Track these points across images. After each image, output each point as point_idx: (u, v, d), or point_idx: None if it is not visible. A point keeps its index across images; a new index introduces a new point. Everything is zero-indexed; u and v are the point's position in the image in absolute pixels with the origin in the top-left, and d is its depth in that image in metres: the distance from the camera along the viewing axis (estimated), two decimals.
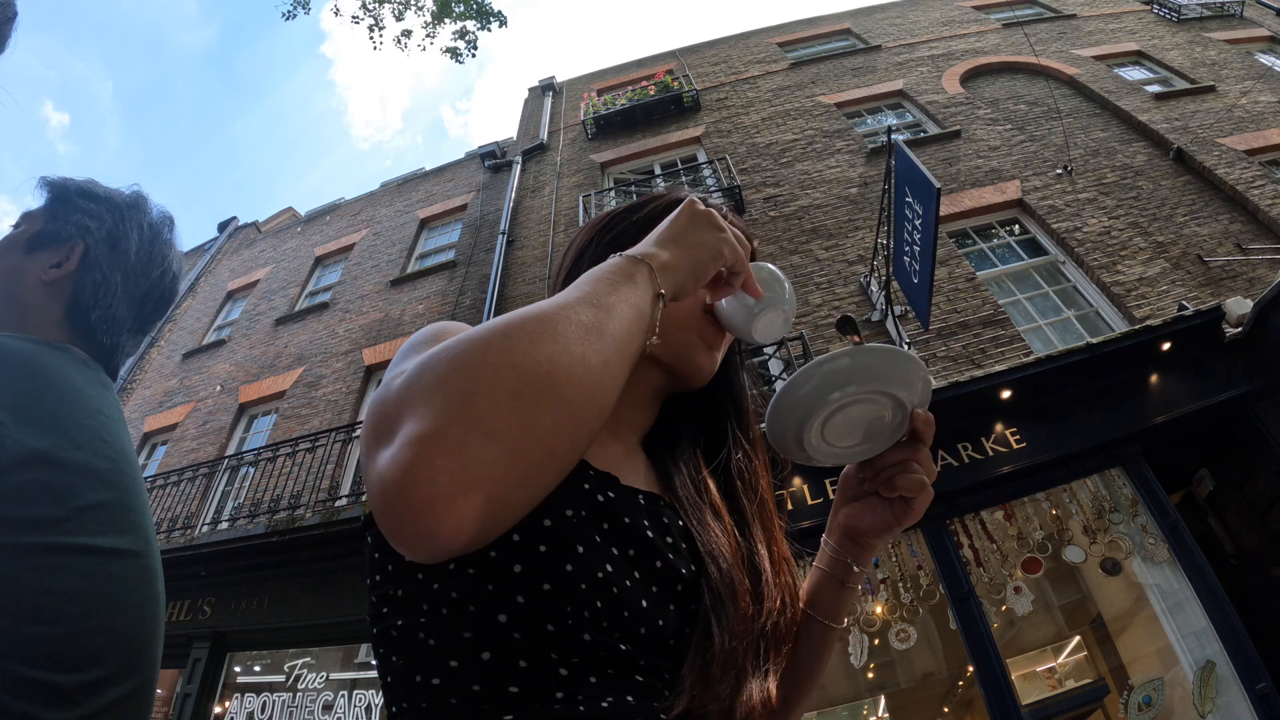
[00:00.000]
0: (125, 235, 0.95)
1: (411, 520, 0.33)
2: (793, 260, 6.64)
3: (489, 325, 0.39)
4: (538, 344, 0.38)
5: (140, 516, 0.83)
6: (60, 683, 0.66)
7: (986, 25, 10.37)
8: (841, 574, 0.67)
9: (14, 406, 0.71)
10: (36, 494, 0.69)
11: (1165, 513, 4.31)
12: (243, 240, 12.35)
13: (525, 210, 9.01)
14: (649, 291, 0.49)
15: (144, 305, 0.99)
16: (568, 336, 0.39)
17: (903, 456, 0.60)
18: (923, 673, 5.74)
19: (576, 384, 0.38)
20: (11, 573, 0.66)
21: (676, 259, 0.52)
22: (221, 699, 5.65)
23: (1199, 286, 5.48)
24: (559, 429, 0.37)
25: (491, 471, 0.33)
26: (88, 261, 0.92)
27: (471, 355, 0.37)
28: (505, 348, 0.37)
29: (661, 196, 0.77)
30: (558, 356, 0.38)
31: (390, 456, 0.34)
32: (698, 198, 0.60)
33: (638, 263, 0.50)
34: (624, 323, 0.44)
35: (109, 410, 0.84)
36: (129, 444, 0.87)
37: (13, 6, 0.77)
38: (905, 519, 0.63)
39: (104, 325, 0.92)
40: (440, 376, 0.36)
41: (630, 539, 0.53)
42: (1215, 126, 7.27)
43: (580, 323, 0.41)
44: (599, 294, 0.45)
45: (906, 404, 0.57)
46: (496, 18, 7.24)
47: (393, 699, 0.50)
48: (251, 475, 6.98)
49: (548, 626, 0.47)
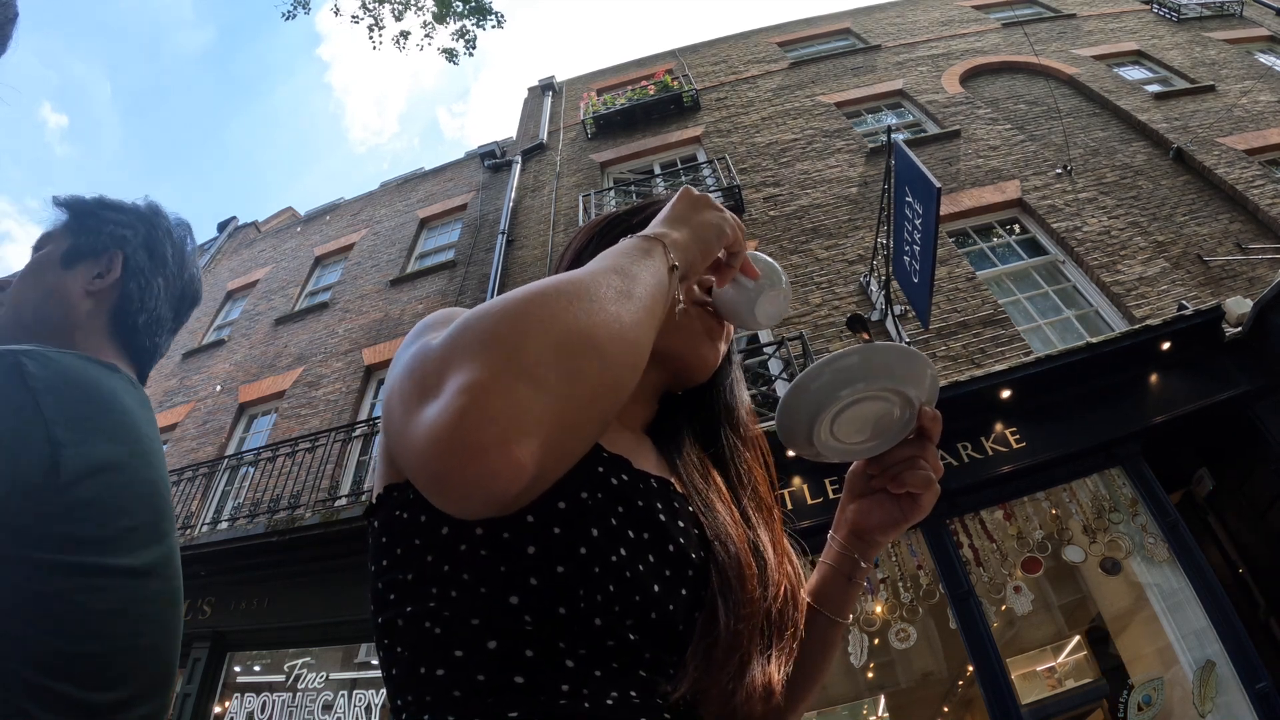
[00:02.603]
0: (159, 241, 0.98)
1: (471, 465, 0.33)
2: (793, 260, 6.64)
3: (524, 289, 0.41)
4: (576, 303, 0.40)
5: (171, 540, 0.85)
6: (91, 701, 0.68)
7: (986, 25, 10.37)
8: (848, 570, 0.68)
9: (72, 425, 0.72)
10: (89, 513, 0.71)
11: (1165, 512, 4.31)
12: (242, 240, 12.35)
13: (525, 210, 9.01)
14: (664, 264, 0.51)
15: (181, 305, 1.03)
16: (603, 297, 0.42)
17: (910, 453, 0.61)
18: (922, 672, 5.74)
19: (615, 340, 0.40)
20: (60, 590, 0.67)
21: (685, 237, 0.55)
22: (221, 699, 5.64)
23: (1199, 286, 5.49)
24: (601, 382, 0.39)
25: (543, 418, 0.35)
26: (130, 269, 0.94)
27: (514, 312, 0.39)
28: (546, 304, 0.39)
29: (660, 200, 0.77)
30: (595, 314, 0.40)
31: (442, 406, 0.35)
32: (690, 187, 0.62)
33: (652, 240, 0.52)
34: (649, 289, 0.47)
35: (151, 432, 0.86)
36: (164, 467, 0.88)
37: (13, 6, 0.77)
38: (913, 515, 0.64)
39: (149, 328, 0.96)
40: (485, 331, 0.38)
41: (644, 523, 0.53)
42: (1215, 126, 7.27)
43: (612, 285, 0.44)
44: (622, 265, 0.47)
45: (915, 401, 0.58)
46: (494, 16, 7.24)
47: (396, 692, 0.49)
48: (251, 475, 6.97)
49: (559, 610, 0.47)
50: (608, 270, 0.45)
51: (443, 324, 0.49)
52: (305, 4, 6.87)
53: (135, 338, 0.95)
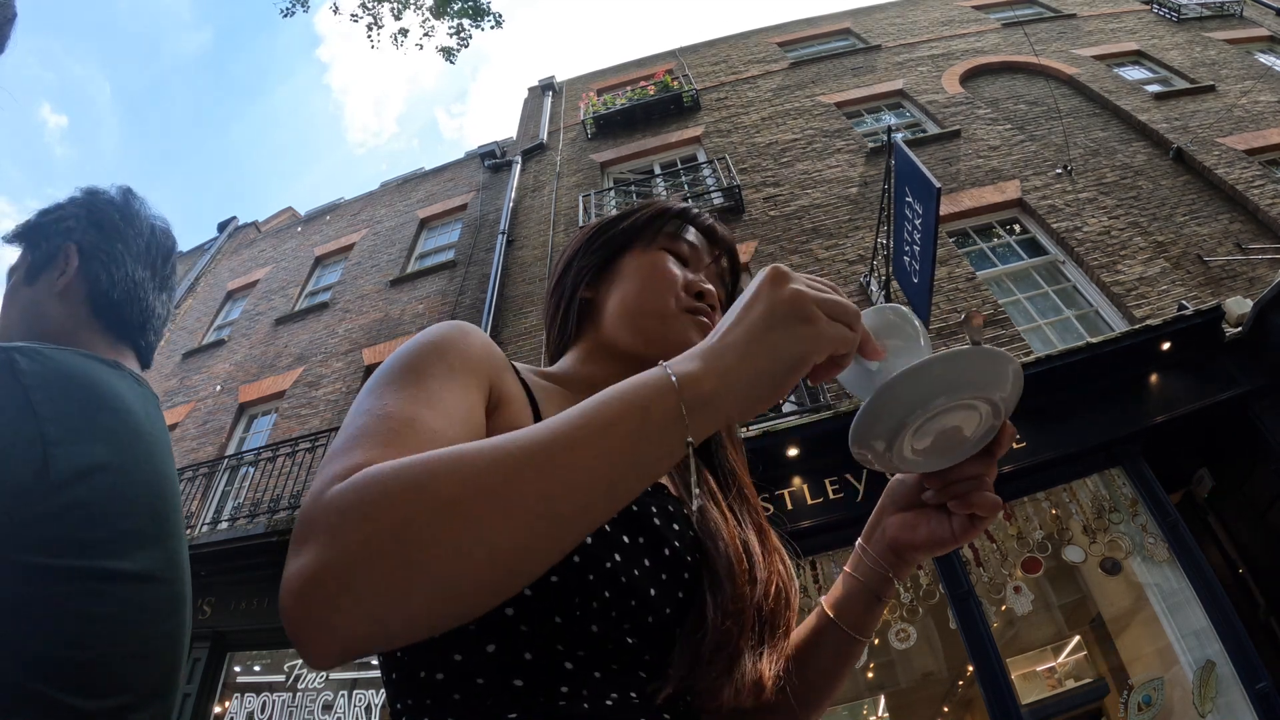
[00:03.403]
0: (103, 213, 0.97)
1: (301, 631, 0.33)
2: (793, 260, 6.64)
3: (401, 477, 0.35)
4: (434, 520, 0.34)
5: (176, 542, 0.83)
6: (86, 708, 0.66)
7: (986, 25, 10.37)
8: (877, 586, 0.63)
9: (66, 424, 0.70)
10: (82, 515, 0.69)
11: (1165, 512, 4.31)
12: (242, 240, 12.35)
13: (525, 210, 9.01)
14: (664, 440, 0.39)
15: (153, 257, 1.00)
16: (476, 516, 0.34)
17: (979, 470, 0.54)
18: (923, 672, 5.74)
19: (459, 572, 0.34)
20: (53, 595, 0.66)
21: (728, 383, 0.41)
22: (221, 699, 5.65)
23: (1199, 286, 5.48)
24: (430, 608, 0.34)
25: (351, 628, 0.33)
26: (86, 253, 0.94)
27: (367, 512, 0.34)
28: (395, 511, 0.34)
29: (648, 205, 0.76)
30: (451, 538, 0.34)
31: (291, 573, 0.34)
32: (783, 268, 0.46)
33: (663, 391, 0.40)
34: (582, 497, 0.36)
35: (155, 430, 0.85)
36: (171, 466, 0.87)
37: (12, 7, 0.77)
38: (965, 537, 0.57)
39: (130, 300, 0.95)
40: (356, 505, 0.34)
41: (639, 526, 0.53)
42: (1215, 126, 7.27)
43: (539, 492, 0.35)
44: (573, 461, 0.36)
45: (1003, 413, 0.51)
46: (491, 16, 7.24)
47: (396, 696, 0.49)
48: (251, 475, 6.97)
49: (555, 619, 0.47)
50: (530, 460, 0.36)
51: (393, 384, 0.47)
52: (304, 2, 6.87)
53: (120, 314, 0.94)
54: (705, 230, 0.76)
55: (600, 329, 0.70)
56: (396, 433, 0.42)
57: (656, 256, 0.70)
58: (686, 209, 0.76)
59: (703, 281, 0.70)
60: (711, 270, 0.75)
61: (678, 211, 0.75)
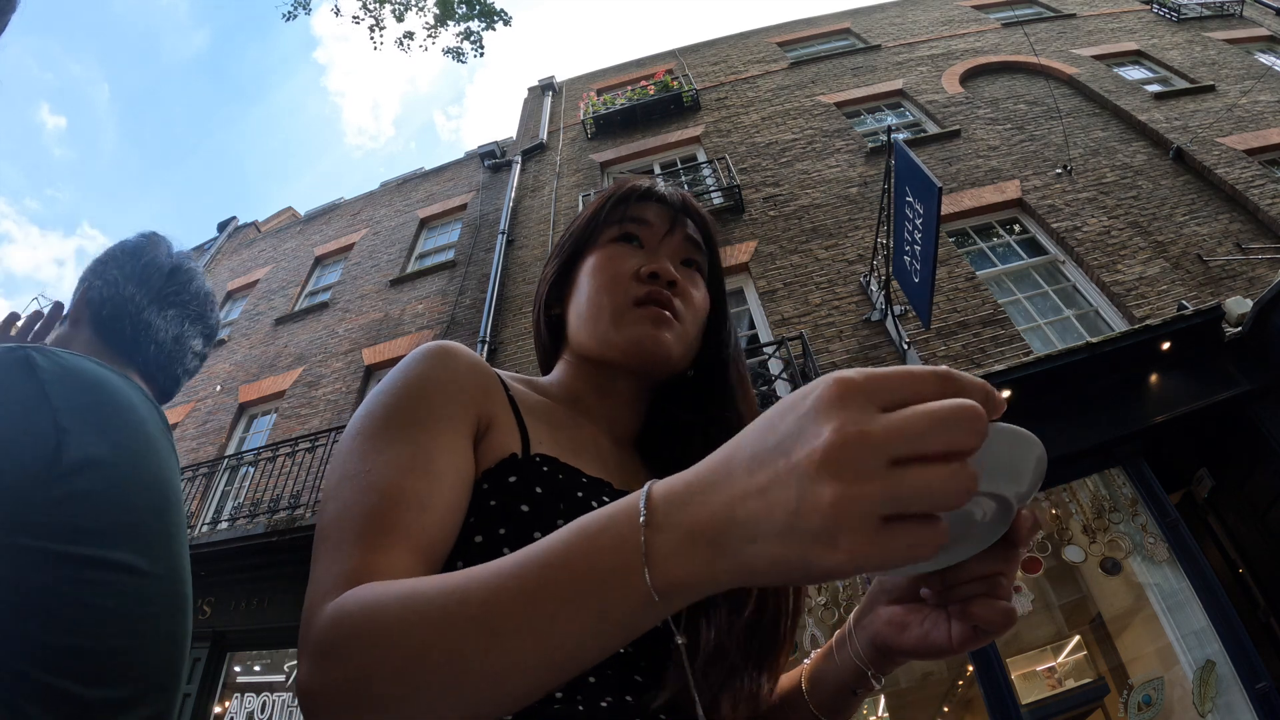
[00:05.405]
0: (112, 256, 1.04)
1: None
2: (792, 260, 6.64)
3: (374, 624, 0.37)
4: (391, 680, 0.35)
5: (178, 545, 0.85)
6: (87, 696, 0.67)
7: (986, 25, 10.37)
8: (853, 681, 0.55)
9: (77, 415, 0.73)
10: (86, 504, 0.71)
11: (1165, 512, 4.31)
12: (242, 240, 12.35)
13: (525, 210, 9.01)
14: (629, 608, 0.33)
15: (146, 276, 1.03)
16: (427, 684, 0.35)
17: (990, 570, 0.42)
18: (923, 673, 5.74)
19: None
20: (53, 581, 0.67)
21: (717, 567, 0.31)
22: (221, 699, 5.65)
23: (1199, 286, 5.49)
24: None
25: None
26: (93, 285, 1.01)
27: (341, 654, 0.37)
28: (360, 662, 0.36)
29: (596, 200, 0.73)
30: (402, 694, 0.35)
31: (299, 673, 0.39)
32: (844, 375, 0.28)
33: (626, 565, 0.32)
34: (534, 678, 0.35)
35: (161, 437, 0.87)
36: (175, 473, 0.89)
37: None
38: (966, 647, 0.45)
39: (116, 315, 0.98)
40: (316, 651, 0.38)
41: None
42: (1215, 126, 7.27)
43: (451, 669, 0.34)
44: (517, 628, 0.34)
45: (1014, 504, 0.38)
46: (500, 16, 7.24)
47: None
48: (251, 475, 6.97)
49: None
50: (473, 628, 0.34)
51: (374, 441, 0.49)
52: (305, 4, 6.87)
53: (111, 329, 0.97)
54: (655, 199, 0.70)
55: (569, 342, 0.70)
56: (386, 516, 0.45)
57: (600, 254, 0.68)
58: (629, 190, 0.71)
59: (651, 262, 0.66)
60: (672, 242, 0.69)
61: (620, 196, 0.70)
